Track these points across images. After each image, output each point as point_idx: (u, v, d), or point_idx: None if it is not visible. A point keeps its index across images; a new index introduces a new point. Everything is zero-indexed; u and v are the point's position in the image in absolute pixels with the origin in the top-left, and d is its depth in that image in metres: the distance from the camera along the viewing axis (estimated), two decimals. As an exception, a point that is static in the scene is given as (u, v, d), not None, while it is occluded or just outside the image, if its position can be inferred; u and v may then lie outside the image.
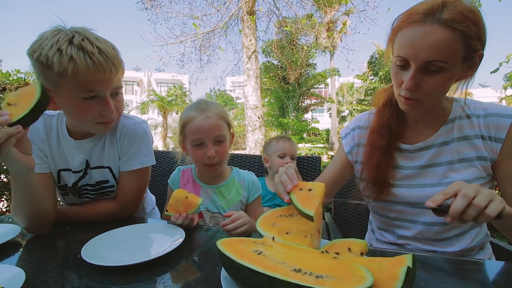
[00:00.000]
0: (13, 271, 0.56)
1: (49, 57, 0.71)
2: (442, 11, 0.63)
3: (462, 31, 0.63)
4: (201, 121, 0.93)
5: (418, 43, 0.65)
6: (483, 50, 0.68)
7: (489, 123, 0.76)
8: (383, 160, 0.85)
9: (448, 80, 0.69)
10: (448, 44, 0.63)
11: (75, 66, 0.72)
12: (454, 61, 0.66)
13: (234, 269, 0.43)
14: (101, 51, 0.76)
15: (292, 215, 0.66)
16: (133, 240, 0.76)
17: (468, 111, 0.80)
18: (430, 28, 0.64)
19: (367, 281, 0.36)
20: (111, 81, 0.81)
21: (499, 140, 0.75)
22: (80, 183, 0.96)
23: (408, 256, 0.41)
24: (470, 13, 0.63)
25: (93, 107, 0.81)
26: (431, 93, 0.70)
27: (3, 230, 0.80)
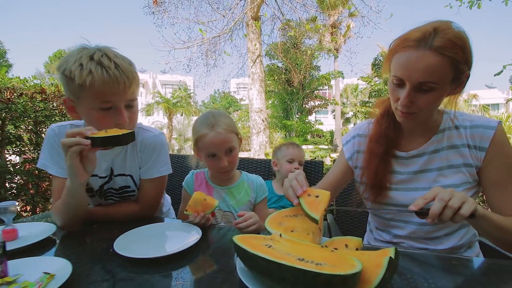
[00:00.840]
0: (61, 262, 0.66)
1: (72, 71, 0.81)
2: (434, 38, 0.71)
3: (451, 57, 0.71)
4: (212, 138, 1.03)
5: (412, 66, 0.74)
6: (470, 70, 0.77)
7: (474, 133, 0.85)
8: (380, 165, 0.94)
9: (439, 97, 0.79)
10: (438, 68, 0.72)
11: (93, 78, 0.81)
12: (444, 82, 0.75)
13: (249, 259, 0.53)
14: (117, 66, 0.84)
15: (297, 215, 0.76)
16: (156, 237, 0.86)
17: (457, 122, 0.89)
18: (423, 53, 0.72)
19: (356, 268, 0.45)
20: (125, 94, 0.88)
21: (483, 149, 0.84)
22: (105, 186, 1.07)
23: (391, 249, 0.50)
24: (458, 40, 0.72)
25: (108, 118, 0.89)
26: (424, 108, 0.80)
27: (42, 228, 0.90)
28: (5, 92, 2.63)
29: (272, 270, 0.47)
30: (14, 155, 3.00)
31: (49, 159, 0.99)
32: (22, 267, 0.64)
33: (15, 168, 2.76)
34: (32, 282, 0.58)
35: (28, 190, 2.85)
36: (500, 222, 0.74)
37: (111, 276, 0.67)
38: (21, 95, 2.79)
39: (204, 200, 0.93)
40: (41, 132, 3.00)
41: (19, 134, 2.90)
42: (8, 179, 2.80)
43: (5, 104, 2.56)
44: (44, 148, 1.01)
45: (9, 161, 2.81)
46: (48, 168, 0.99)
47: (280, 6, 6.86)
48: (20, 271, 0.63)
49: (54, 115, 3.04)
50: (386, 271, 0.46)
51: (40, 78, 3.26)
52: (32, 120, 2.86)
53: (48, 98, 3.01)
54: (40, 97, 2.92)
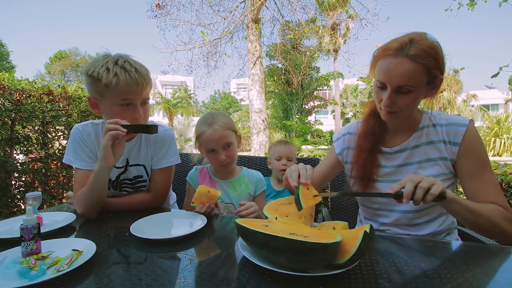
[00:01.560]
0: (86, 242, 0.76)
1: (99, 73, 0.99)
2: (410, 48, 0.83)
3: (425, 64, 0.83)
4: (210, 134, 1.15)
5: (391, 72, 0.85)
6: (442, 75, 0.89)
7: (449, 130, 0.96)
8: (368, 159, 1.05)
9: (416, 98, 0.90)
10: (414, 73, 0.84)
11: (118, 79, 0.99)
12: (419, 85, 0.87)
13: (249, 235, 0.63)
14: (137, 70, 1.03)
15: (291, 203, 0.86)
16: (167, 223, 0.97)
17: (434, 121, 1.00)
18: (401, 60, 0.84)
19: (337, 239, 0.55)
20: (142, 93, 1.06)
21: (456, 144, 0.95)
22: (121, 177, 1.19)
23: (367, 226, 0.60)
24: (430, 49, 0.84)
25: (127, 113, 1.05)
26: (404, 108, 0.91)
27: (63, 216, 1.00)
28: (15, 93, 2.73)
29: (268, 241, 0.57)
30: (22, 154, 3.10)
31: (73, 155, 1.12)
32: (53, 246, 0.74)
33: (23, 166, 2.86)
34: (63, 257, 0.68)
35: (35, 188, 2.95)
36: (471, 207, 0.83)
37: (127, 255, 0.76)
38: (29, 96, 2.89)
39: (208, 192, 1.03)
40: (48, 132, 3.10)
41: (27, 134, 3.00)
42: (16, 177, 2.90)
43: (15, 105, 2.67)
44: (69, 145, 1.14)
45: (17, 160, 2.91)
46: (72, 163, 1.12)
47: (280, 8, 6.99)
48: (51, 249, 0.73)
49: (60, 116, 3.15)
50: (361, 242, 0.56)
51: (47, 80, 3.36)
52: (39, 120, 2.97)
53: (55, 99, 3.12)
54: (48, 98, 3.03)
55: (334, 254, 0.56)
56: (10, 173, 2.75)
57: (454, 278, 0.60)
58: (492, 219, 0.84)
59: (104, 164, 0.97)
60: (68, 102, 3.27)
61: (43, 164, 2.97)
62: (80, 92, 3.47)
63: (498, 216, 0.84)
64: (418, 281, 0.59)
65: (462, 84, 21.89)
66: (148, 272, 0.65)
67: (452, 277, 0.60)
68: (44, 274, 0.61)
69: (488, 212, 0.84)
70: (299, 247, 0.53)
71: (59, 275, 0.60)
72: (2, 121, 2.68)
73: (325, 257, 0.54)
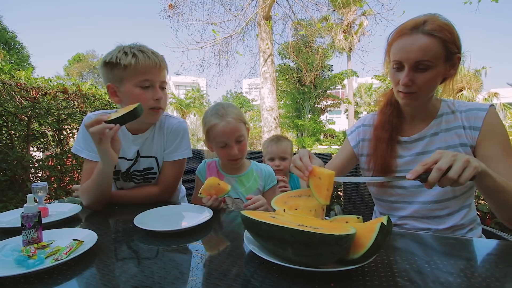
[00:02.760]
0: (87, 232, 0.74)
1: (117, 57, 1.01)
2: (424, 25, 0.83)
3: (441, 37, 0.81)
4: (223, 127, 1.09)
5: (408, 48, 0.83)
6: (460, 53, 0.86)
7: (469, 115, 0.91)
8: (387, 150, 1.00)
9: (435, 76, 0.85)
10: (431, 47, 0.81)
11: (137, 59, 1.01)
12: (438, 60, 0.83)
13: (254, 226, 0.58)
14: (153, 53, 1.07)
15: (301, 196, 0.80)
16: (172, 216, 0.94)
17: (453, 107, 0.96)
18: (416, 37, 0.82)
19: (350, 231, 0.50)
20: (160, 74, 1.08)
21: (476, 128, 0.89)
22: (132, 169, 1.17)
23: (384, 217, 0.54)
24: (445, 25, 0.83)
25: (147, 95, 1.05)
26: (424, 87, 0.86)
27: (69, 208, 1.00)
28: (31, 91, 2.80)
29: (274, 233, 0.53)
30: (38, 151, 3.19)
31: (82, 144, 1.11)
32: (54, 235, 0.73)
33: (39, 163, 2.93)
34: (63, 247, 0.66)
35: (51, 184, 3.02)
36: (502, 184, 0.74)
37: (131, 247, 0.74)
38: (45, 94, 2.96)
39: (218, 184, 0.99)
40: (63, 129, 3.17)
41: (43, 131, 3.08)
42: (32, 173, 2.98)
43: (31, 102, 2.73)
44: (79, 134, 1.14)
45: (33, 156, 2.99)
46: (80, 153, 1.11)
47: (292, 5, 6.90)
48: (52, 238, 0.71)
49: (75, 113, 3.21)
50: (378, 235, 0.50)
51: (62, 78, 3.44)
52: (55, 118, 3.04)
53: (70, 97, 3.18)
54: (63, 96, 3.09)
55: (347, 247, 0.50)
56: (27, 169, 2.82)
57: (483, 277, 0.54)
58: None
59: (111, 164, 0.96)
60: (83, 100, 3.33)
61: (58, 160, 3.04)
62: (94, 90, 3.54)
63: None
64: (441, 280, 0.53)
65: (482, 82, 21.03)
66: (150, 263, 0.62)
67: (479, 276, 0.54)
68: (42, 263, 0.59)
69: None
70: (307, 239, 0.48)
71: (57, 264, 0.58)
72: (19, 118, 2.76)
73: (337, 251, 0.49)
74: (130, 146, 1.15)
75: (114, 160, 0.95)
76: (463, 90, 20.36)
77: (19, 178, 2.77)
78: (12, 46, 16.53)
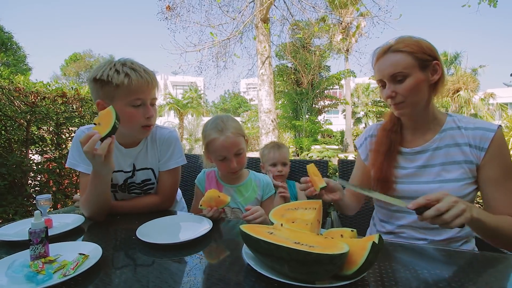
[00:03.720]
0: (92, 246, 0.77)
1: (109, 75, 0.99)
2: (392, 46, 0.95)
3: (407, 51, 0.92)
4: (222, 141, 1.12)
5: (383, 67, 0.96)
6: (438, 60, 0.94)
7: (476, 134, 0.94)
8: (385, 162, 1.05)
9: (415, 83, 0.92)
10: (400, 60, 0.92)
11: (130, 79, 1.00)
12: (411, 70, 0.92)
13: (253, 242, 0.61)
14: (145, 71, 1.06)
15: (298, 208, 0.84)
16: (173, 227, 0.97)
17: (459, 124, 0.99)
18: (387, 56, 0.95)
19: (344, 250, 0.53)
20: (151, 93, 1.08)
21: (483, 149, 0.92)
22: (129, 181, 1.20)
23: (376, 235, 0.58)
24: (411, 41, 0.94)
25: (139, 113, 1.06)
26: (407, 94, 0.93)
27: (72, 219, 1.02)
28: (30, 96, 2.81)
29: (272, 250, 0.56)
30: (37, 155, 3.20)
31: (77, 158, 1.12)
32: (60, 249, 0.75)
33: (38, 166, 2.94)
34: (70, 261, 0.68)
35: (50, 187, 3.03)
36: (493, 223, 0.80)
37: (133, 259, 0.77)
38: (44, 98, 2.97)
39: (218, 197, 1.02)
40: (61, 133, 3.18)
41: (41, 135, 3.09)
42: (32, 177, 2.99)
43: (30, 107, 2.75)
44: (72, 148, 1.15)
45: (32, 160, 3.00)
46: (76, 167, 1.12)
47: (289, 7, 6.93)
48: (58, 253, 0.74)
49: (74, 117, 3.22)
50: (369, 253, 0.54)
51: (60, 83, 3.44)
52: (53, 122, 3.05)
53: (69, 101, 3.19)
54: (61, 100, 3.10)
55: (341, 265, 0.54)
56: (26, 173, 2.83)
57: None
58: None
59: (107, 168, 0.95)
60: (81, 104, 3.34)
61: (57, 164, 3.05)
62: (92, 94, 3.54)
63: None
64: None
65: (479, 82, 21.19)
66: (153, 276, 0.65)
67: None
68: (51, 278, 0.62)
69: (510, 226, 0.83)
70: (303, 258, 0.51)
71: (66, 280, 0.61)
72: (18, 122, 2.77)
73: (331, 269, 0.52)
74: (125, 159, 1.18)
75: (112, 167, 0.95)
76: (460, 90, 20.52)
77: (18, 182, 2.78)
78: (9, 47, 16.42)
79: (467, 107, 20.39)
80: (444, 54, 23.25)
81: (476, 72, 22.74)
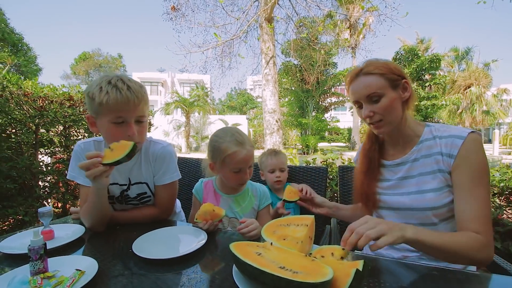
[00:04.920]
0: (89, 261, 0.79)
1: (94, 93, 1.01)
2: (363, 69, 1.00)
3: (377, 73, 0.97)
4: (244, 155, 1.13)
5: (357, 89, 1.01)
6: (405, 78, 1.00)
7: (447, 142, 0.95)
8: (365, 180, 1.11)
9: (390, 102, 0.96)
10: (372, 82, 0.97)
11: (108, 97, 0.99)
12: (384, 89, 0.96)
13: (240, 265, 0.63)
14: (129, 88, 1.03)
15: (290, 225, 0.85)
16: (169, 239, 0.99)
17: (435, 133, 1.00)
18: (360, 79, 1.00)
19: (327, 277, 0.54)
20: (135, 110, 1.05)
21: (452, 156, 0.93)
22: (125, 193, 1.22)
23: (360, 262, 0.58)
24: (380, 64, 0.99)
25: (121, 131, 1.04)
26: (384, 113, 0.97)
27: (73, 229, 1.06)
28: (38, 100, 2.89)
29: (256, 275, 0.57)
30: (46, 156, 3.28)
31: (76, 171, 1.15)
32: (58, 264, 0.78)
33: (47, 168, 3.02)
34: (67, 277, 0.71)
35: (59, 189, 3.12)
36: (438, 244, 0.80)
37: (130, 273, 0.79)
38: (52, 102, 3.04)
39: (213, 210, 1.04)
40: (69, 135, 3.26)
41: (50, 137, 3.17)
42: (41, 178, 3.08)
43: (38, 111, 2.82)
44: (72, 162, 1.18)
45: (42, 162, 3.08)
46: (76, 179, 1.16)
47: (294, 5, 6.87)
48: (57, 268, 0.77)
49: (81, 120, 3.29)
50: (352, 281, 0.55)
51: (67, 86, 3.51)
52: (61, 125, 3.12)
53: (75, 104, 3.26)
54: (69, 103, 3.17)
55: (323, 292, 0.54)
56: (36, 175, 2.91)
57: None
58: (461, 253, 0.82)
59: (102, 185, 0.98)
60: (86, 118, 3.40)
61: (65, 166, 3.13)
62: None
63: (470, 248, 0.82)
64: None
65: (491, 78, 20.62)
66: (144, 295, 0.67)
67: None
68: (48, 296, 0.65)
69: (458, 245, 0.82)
70: (285, 285, 0.53)
71: (61, 297, 0.64)
72: (27, 126, 2.84)
73: (313, 295, 0.53)
74: (120, 172, 1.19)
75: (106, 183, 0.98)
76: (472, 86, 20.03)
77: (28, 184, 2.87)
78: (20, 48, 16.78)
79: (479, 104, 19.88)
80: (454, 50, 22.67)
81: (488, 67, 22.14)
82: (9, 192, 2.69)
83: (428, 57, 14.77)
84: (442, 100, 15.17)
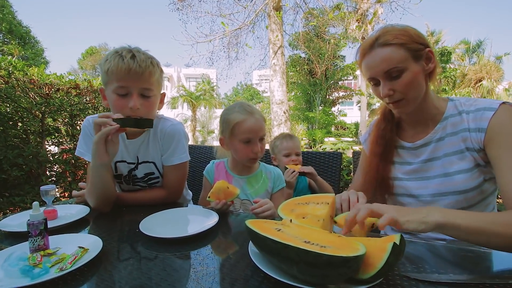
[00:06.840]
0: (93, 239, 0.74)
1: (101, 64, 1.01)
2: (378, 39, 0.85)
3: (396, 43, 0.83)
4: (252, 123, 1.10)
5: (372, 64, 0.86)
6: (429, 47, 0.86)
7: (476, 116, 0.84)
8: (380, 163, 1.00)
9: (412, 77, 0.83)
10: (391, 55, 0.83)
11: (111, 65, 0.96)
12: (405, 63, 0.83)
13: (259, 240, 0.56)
14: (134, 57, 0.98)
15: (309, 203, 0.78)
16: (178, 220, 0.93)
17: (460, 108, 0.89)
18: (375, 51, 0.85)
19: (359, 251, 0.47)
20: (137, 80, 0.99)
21: (482, 130, 0.82)
22: (133, 172, 1.17)
23: (397, 235, 0.51)
24: (398, 31, 0.84)
25: (124, 102, 0.99)
26: (406, 91, 0.85)
27: (78, 209, 1.01)
28: (44, 87, 2.85)
29: (279, 250, 0.50)
30: (53, 146, 3.27)
31: (84, 147, 1.11)
32: (60, 242, 0.73)
33: (54, 157, 3.01)
34: (68, 255, 0.66)
35: (66, 178, 3.10)
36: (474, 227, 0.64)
37: (136, 253, 0.73)
38: (58, 90, 3.01)
39: (227, 188, 0.97)
40: (76, 124, 3.23)
41: (57, 126, 3.15)
42: (48, 167, 3.07)
43: (44, 98, 2.79)
44: (80, 138, 1.13)
45: (49, 151, 3.07)
46: (83, 155, 1.11)
47: (303, -6, 6.69)
48: (58, 245, 0.71)
49: (87, 109, 3.26)
50: (389, 256, 0.47)
51: (74, 74, 3.48)
52: (68, 113, 3.10)
53: (82, 93, 3.23)
54: (75, 92, 3.14)
55: (356, 268, 0.48)
56: (42, 164, 2.90)
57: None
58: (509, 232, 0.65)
59: (97, 161, 0.94)
60: (94, 95, 3.37)
61: (72, 155, 3.11)
62: (105, 85, 3.57)
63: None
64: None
65: (503, 71, 20.06)
66: (155, 272, 0.61)
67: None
68: (47, 273, 0.59)
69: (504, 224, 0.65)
70: (313, 260, 0.46)
71: (62, 274, 0.58)
72: (33, 114, 2.82)
73: (345, 272, 0.46)
74: (128, 149, 1.14)
75: (104, 160, 0.94)
76: (483, 80, 19.51)
77: (35, 172, 2.85)
78: (27, 41, 16.89)
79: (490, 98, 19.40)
80: (465, 42, 22.10)
81: (500, 60, 21.52)
82: (16, 180, 2.68)
83: (438, 50, 14.40)
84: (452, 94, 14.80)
